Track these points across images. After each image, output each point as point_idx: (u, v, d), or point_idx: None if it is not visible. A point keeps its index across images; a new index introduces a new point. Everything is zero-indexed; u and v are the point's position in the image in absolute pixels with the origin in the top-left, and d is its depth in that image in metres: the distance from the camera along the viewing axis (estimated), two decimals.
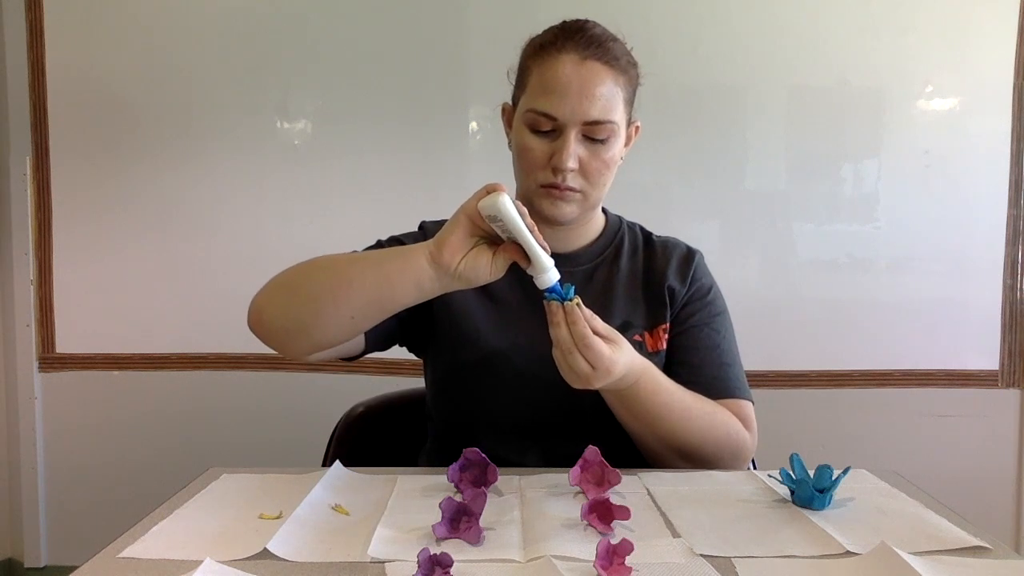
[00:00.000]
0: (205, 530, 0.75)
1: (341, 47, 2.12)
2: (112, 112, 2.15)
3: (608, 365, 0.83)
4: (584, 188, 1.00)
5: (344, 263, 0.92)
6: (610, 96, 0.96)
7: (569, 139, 0.96)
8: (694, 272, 1.10)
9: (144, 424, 2.21)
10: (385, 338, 1.04)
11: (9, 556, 2.28)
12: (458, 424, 1.09)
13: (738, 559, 0.69)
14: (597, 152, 0.98)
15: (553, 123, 0.96)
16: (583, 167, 0.98)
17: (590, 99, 0.95)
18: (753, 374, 1.11)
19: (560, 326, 0.83)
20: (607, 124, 0.96)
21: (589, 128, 0.96)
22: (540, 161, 0.98)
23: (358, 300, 0.89)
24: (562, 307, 0.83)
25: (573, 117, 0.95)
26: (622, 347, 0.86)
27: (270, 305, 0.94)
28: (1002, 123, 2.10)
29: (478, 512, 0.73)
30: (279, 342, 0.94)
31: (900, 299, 2.14)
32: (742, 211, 2.14)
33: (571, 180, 0.98)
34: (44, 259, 2.18)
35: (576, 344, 0.82)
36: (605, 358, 0.83)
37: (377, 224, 2.11)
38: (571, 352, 0.83)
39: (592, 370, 0.83)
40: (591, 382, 0.85)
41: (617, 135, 0.99)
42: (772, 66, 2.11)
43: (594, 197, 1.02)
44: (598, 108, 0.95)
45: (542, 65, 0.97)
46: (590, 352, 0.83)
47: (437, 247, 0.85)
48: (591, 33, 0.98)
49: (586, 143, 0.97)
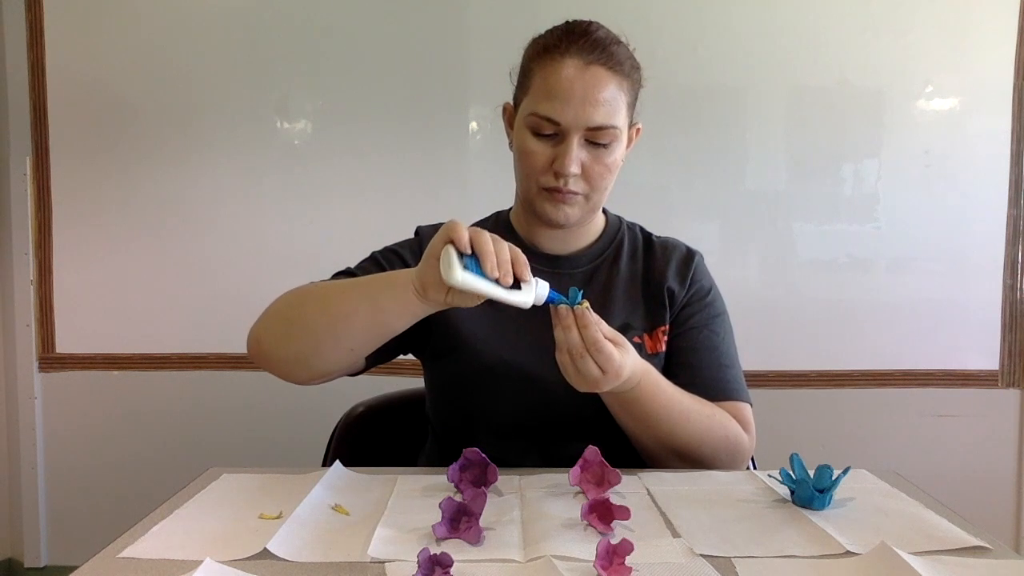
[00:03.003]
0: (205, 530, 0.75)
1: (341, 47, 2.12)
2: (112, 112, 2.15)
3: (617, 368, 0.84)
4: (586, 192, 1.00)
5: (336, 295, 0.93)
6: (613, 101, 0.96)
7: (572, 144, 0.96)
8: (693, 273, 1.10)
9: (144, 424, 2.21)
10: (385, 355, 1.04)
11: (9, 556, 2.28)
12: (458, 425, 1.09)
13: (738, 559, 0.69)
14: (599, 156, 0.98)
15: (556, 128, 0.96)
16: (585, 171, 0.98)
17: (593, 105, 0.94)
18: (753, 374, 1.11)
19: (570, 330, 0.83)
20: (610, 129, 0.96)
21: (592, 133, 0.96)
22: (542, 165, 0.98)
23: (355, 333, 0.91)
24: (572, 311, 0.83)
25: (576, 122, 0.95)
26: (627, 350, 0.87)
27: (268, 336, 0.96)
28: (1002, 123, 2.10)
29: (478, 512, 0.73)
30: (281, 372, 0.96)
31: (900, 299, 2.14)
32: (742, 211, 2.14)
33: (573, 184, 0.98)
34: (44, 259, 2.18)
35: (588, 348, 0.83)
36: (615, 361, 0.83)
37: (377, 224, 2.12)
38: (582, 356, 0.83)
39: (602, 374, 0.84)
40: (600, 386, 0.85)
41: (619, 139, 0.99)
42: (772, 66, 2.11)
43: (595, 200, 1.02)
44: (601, 114, 0.95)
45: (545, 68, 0.97)
46: (601, 356, 0.83)
47: (422, 287, 0.84)
48: (595, 36, 0.97)
49: (588, 147, 0.97)
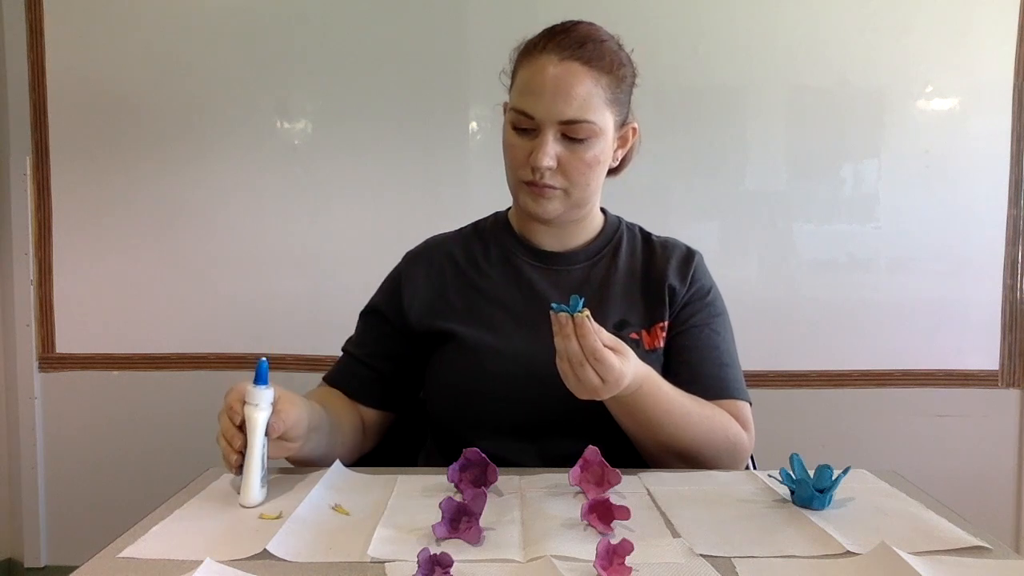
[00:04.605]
0: (205, 530, 0.75)
1: (341, 47, 2.12)
2: (112, 112, 2.15)
3: (618, 377, 0.84)
4: (564, 186, 1.00)
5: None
6: (588, 96, 0.97)
7: (546, 138, 0.97)
8: (694, 272, 1.10)
9: (144, 424, 2.21)
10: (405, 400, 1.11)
11: (9, 556, 2.28)
12: (457, 425, 1.09)
13: (738, 559, 0.69)
14: (576, 151, 0.99)
15: (532, 122, 0.98)
16: (562, 166, 0.99)
17: (565, 99, 0.96)
18: (753, 374, 1.11)
19: (569, 338, 0.83)
20: (584, 124, 0.97)
21: (567, 127, 0.97)
22: (521, 158, 1.00)
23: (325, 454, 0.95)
24: (571, 319, 0.83)
25: (548, 116, 0.96)
26: (628, 357, 0.86)
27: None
28: (1002, 123, 2.10)
29: (478, 512, 0.73)
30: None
31: (900, 299, 2.14)
32: (742, 211, 2.14)
33: (549, 178, 0.99)
34: (44, 259, 2.18)
35: (587, 357, 0.82)
36: (615, 370, 0.83)
37: (377, 224, 2.13)
38: (582, 365, 0.83)
39: (602, 383, 0.83)
40: (600, 394, 0.85)
41: (599, 135, 0.99)
42: (772, 66, 2.11)
43: (576, 196, 1.02)
44: (574, 108, 0.96)
45: (525, 65, 1.00)
46: (601, 365, 0.83)
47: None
48: (576, 34, 0.99)
49: (565, 142, 0.98)
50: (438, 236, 1.17)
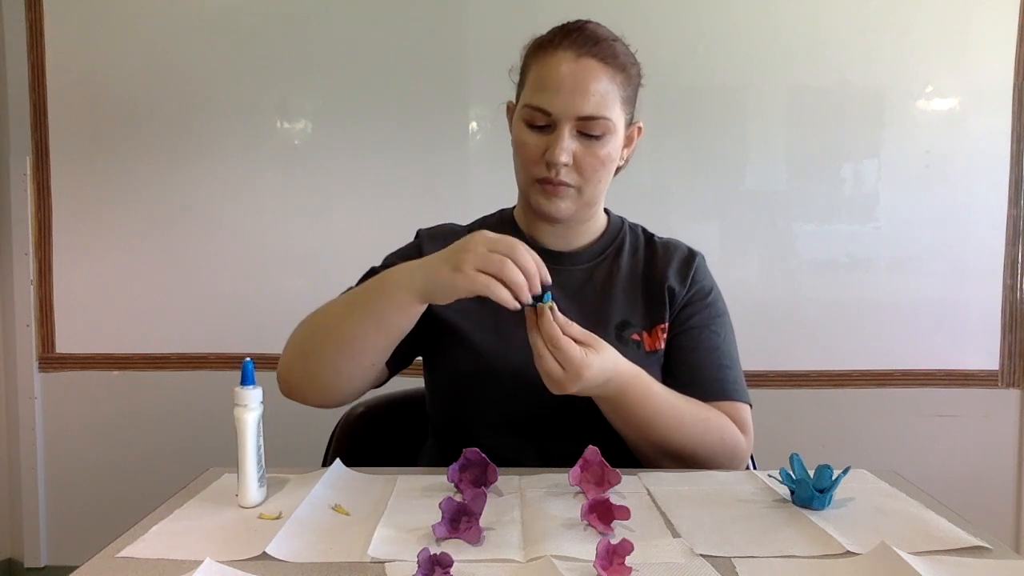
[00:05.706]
0: (205, 530, 0.75)
1: (341, 47, 2.12)
2: (112, 112, 2.15)
3: (578, 367, 0.84)
4: (578, 184, 1.00)
5: (339, 319, 0.94)
6: (605, 93, 0.97)
7: (563, 134, 0.97)
8: (695, 273, 1.10)
9: (144, 424, 2.21)
10: (405, 360, 1.07)
11: (9, 556, 2.28)
12: (457, 424, 1.09)
13: (738, 559, 0.69)
14: (591, 148, 0.99)
15: (548, 118, 0.98)
16: (577, 163, 0.99)
17: (584, 95, 0.96)
18: (753, 374, 1.11)
19: (532, 329, 0.86)
20: (601, 120, 0.97)
21: (583, 124, 0.97)
22: (535, 156, 1.00)
23: (368, 349, 0.94)
24: (534, 311, 0.84)
25: (566, 112, 0.96)
26: (600, 352, 0.87)
27: (293, 376, 0.99)
28: (1002, 123, 2.10)
29: (478, 512, 0.73)
30: (317, 403, 1.00)
31: (900, 299, 2.14)
32: (742, 211, 2.14)
33: (564, 175, 0.99)
34: (44, 259, 2.18)
35: (546, 345, 0.84)
36: (575, 360, 0.84)
37: (377, 223, 2.13)
38: (541, 355, 0.85)
39: (563, 371, 0.84)
40: (564, 385, 0.86)
41: (613, 132, 0.99)
42: (772, 66, 2.11)
43: (589, 194, 1.02)
44: (592, 104, 0.96)
45: (539, 62, 0.99)
46: (559, 353, 0.84)
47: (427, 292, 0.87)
48: (589, 32, 0.99)
49: (580, 139, 0.98)
50: (450, 225, 1.16)
